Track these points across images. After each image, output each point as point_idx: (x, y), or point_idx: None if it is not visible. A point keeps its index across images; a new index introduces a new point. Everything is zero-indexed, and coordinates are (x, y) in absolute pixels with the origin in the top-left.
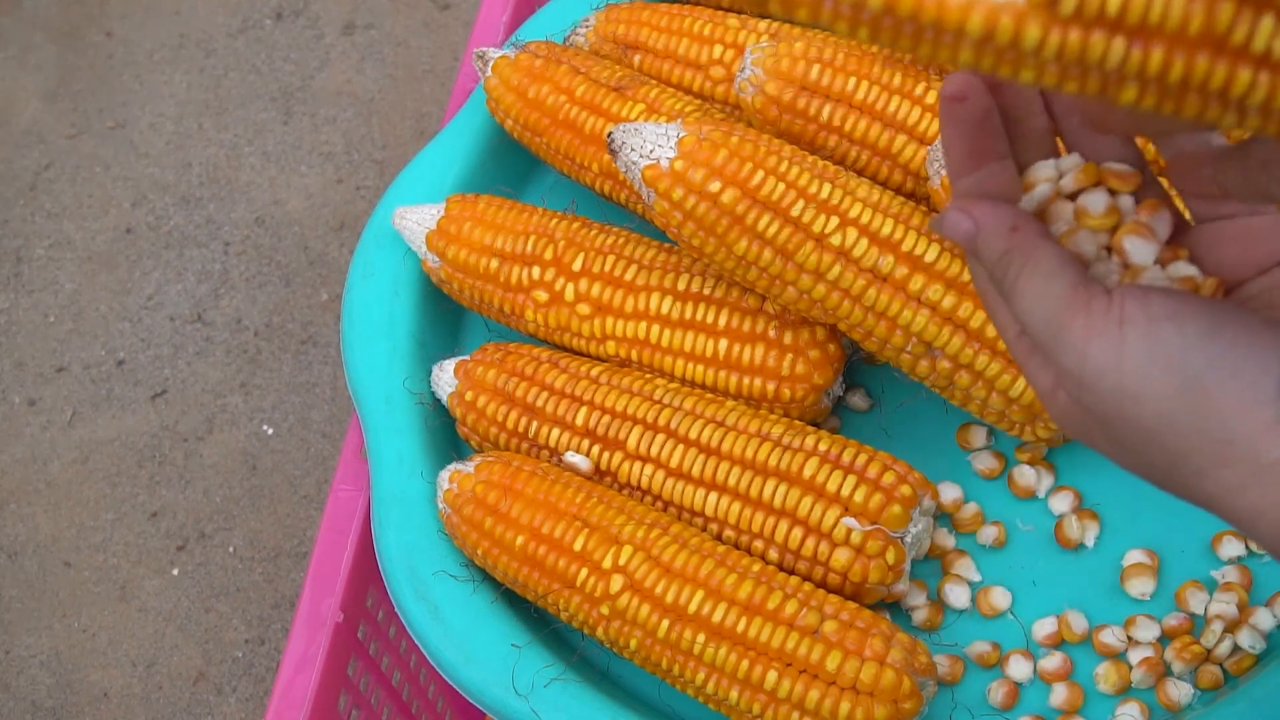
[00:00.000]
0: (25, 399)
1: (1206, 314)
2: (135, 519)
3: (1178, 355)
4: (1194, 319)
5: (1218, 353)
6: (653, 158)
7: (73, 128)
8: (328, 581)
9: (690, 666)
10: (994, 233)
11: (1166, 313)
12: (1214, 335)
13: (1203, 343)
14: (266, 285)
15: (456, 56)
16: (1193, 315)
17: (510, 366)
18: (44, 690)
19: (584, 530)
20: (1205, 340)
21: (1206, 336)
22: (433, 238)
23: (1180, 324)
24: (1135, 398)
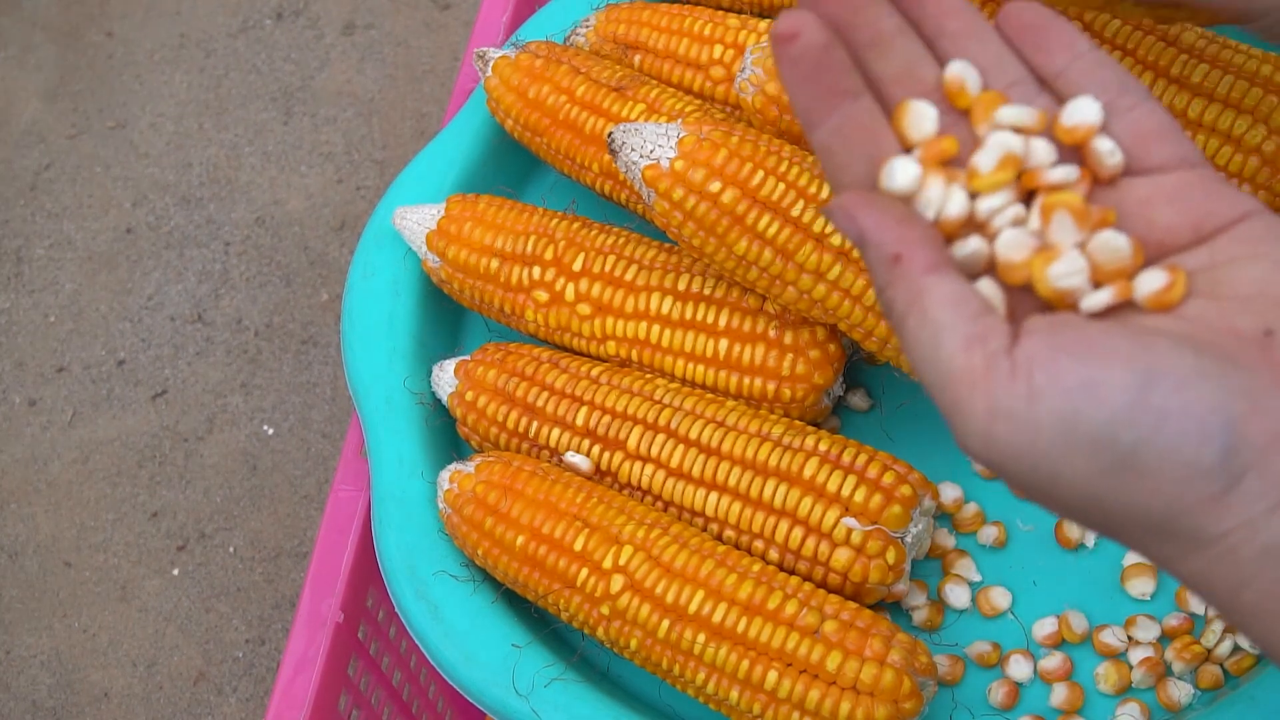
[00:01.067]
0: (25, 399)
1: (1131, 376)
2: (135, 519)
3: (1102, 435)
4: (1116, 388)
5: (1147, 429)
6: (653, 158)
7: (73, 128)
8: (328, 581)
9: (690, 666)
10: (877, 257)
11: (1081, 383)
12: (1142, 404)
13: (1129, 416)
14: (267, 285)
15: (456, 56)
16: (1114, 385)
17: (510, 366)
18: (44, 690)
19: (584, 530)
20: (1132, 413)
21: (1133, 407)
22: (433, 238)
23: (1100, 398)
24: (1056, 480)
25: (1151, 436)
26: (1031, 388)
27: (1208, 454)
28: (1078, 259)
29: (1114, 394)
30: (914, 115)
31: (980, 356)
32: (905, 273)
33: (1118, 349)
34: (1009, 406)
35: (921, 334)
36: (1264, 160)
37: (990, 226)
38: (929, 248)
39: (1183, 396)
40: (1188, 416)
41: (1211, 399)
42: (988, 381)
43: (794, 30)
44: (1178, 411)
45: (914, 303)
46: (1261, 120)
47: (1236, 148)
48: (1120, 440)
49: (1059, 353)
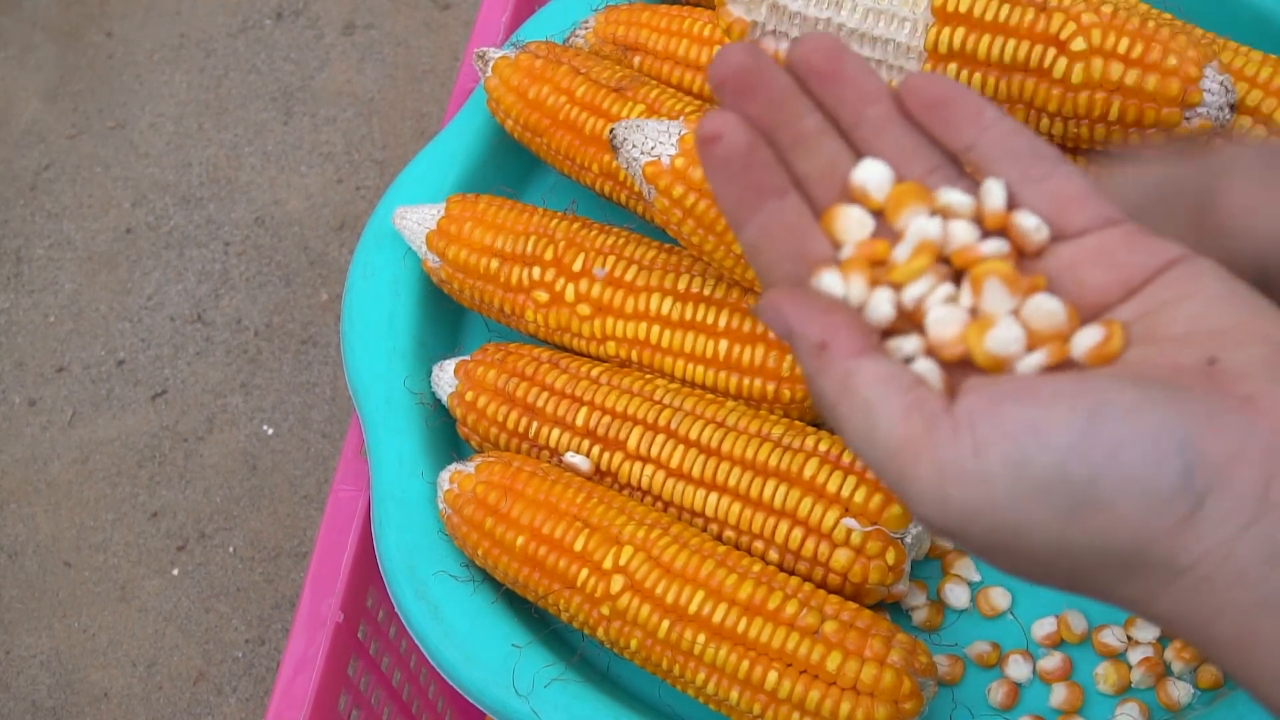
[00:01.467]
0: (25, 399)
1: (1075, 413)
2: (135, 519)
3: (1054, 475)
4: (1062, 426)
5: (1100, 461)
6: (654, 154)
7: (73, 128)
8: (328, 581)
9: (691, 667)
10: (804, 348)
11: (1026, 426)
12: (1091, 438)
13: (1080, 450)
14: (266, 285)
15: (456, 56)
16: (1060, 421)
17: (510, 367)
18: (44, 690)
19: (584, 530)
20: (1082, 447)
21: (1082, 442)
22: (433, 238)
23: (1047, 437)
24: (1016, 533)
25: (1106, 467)
26: (976, 439)
27: (1167, 477)
28: (1013, 326)
29: (1060, 431)
30: (846, 220)
31: (919, 422)
32: (832, 359)
33: (1059, 390)
34: (956, 463)
35: (855, 416)
36: None
37: (920, 312)
38: (855, 333)
39: (1133, 422)
40: (1140, 441)
41: (1163, 421)
42: (931, 443)
43: (717, 131)
44: (1129, 438)
45: (844, 387)
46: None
47: None
48: (1074, 477)
49: (1000, 402)
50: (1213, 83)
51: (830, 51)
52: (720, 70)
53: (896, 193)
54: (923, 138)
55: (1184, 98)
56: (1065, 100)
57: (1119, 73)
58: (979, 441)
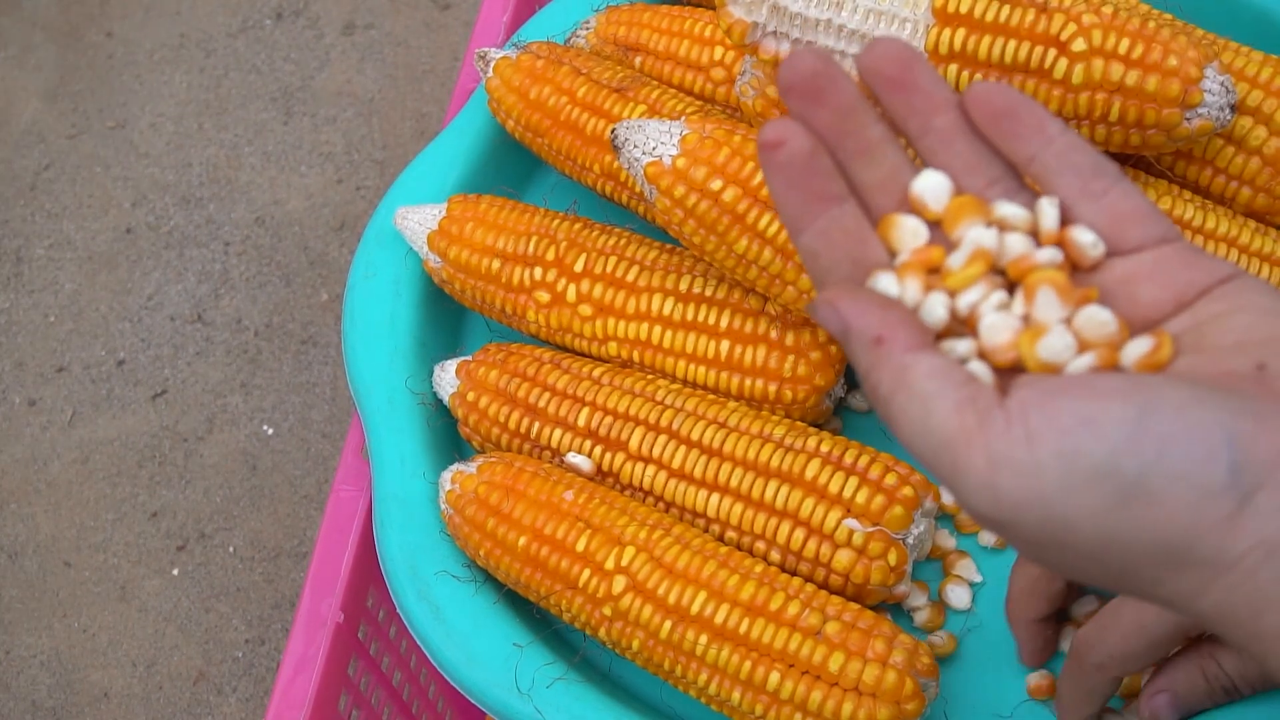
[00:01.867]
0: (25, 399)
1: (1127, 408)
2: (135, 519)
3: (1105, 467)
4: (1114, 420)
5: (1152, 454)
6: (655, 155)
7: (73, 128)
8: (328, 581)
9: (693, 667)
10: (860, 344)
11: (1079, 420)
12: (1142, 433)
13: (1131, 444)
14: (267, 285)
15: (457, 57)
16: (1112, 416)
17: (512, 367)
18: (44, 690)
19: (586, 531)
20: (1133, 442)
21: (1133, 437)
22: (434, 238)
23: (1099, 429)
24: (1066, 524)
25: (1156, 462)
26: (1029, 431)
27: (1215, 473)
28: (1065, 334)
29: (1112, 426)
30: (903, 228)
31: (973, 414)
32: (888, 353)
33: (1112, 386)
34: (1008, 454)
35: (910, 408)
36: (1265, 161)
37: (974, 318)
38: (910, 329)
39: (1183, 419)
40: (1190, 438)
41: (1213, 419)
42: (984, 435)
43: (780, 138)
44: (1180, 434)
45: (899, 380)
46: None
47: (1238, 148)
48: (1125, 470)
49: (1053, 396)
50: (1213, 83)
51: (903, 59)
52: (790, 76)
53: (955, 205)
54: (985, 149)
55: (1184, 98)
56: (1066, 101)
57: (1119, 73)
58: (1031, 433)
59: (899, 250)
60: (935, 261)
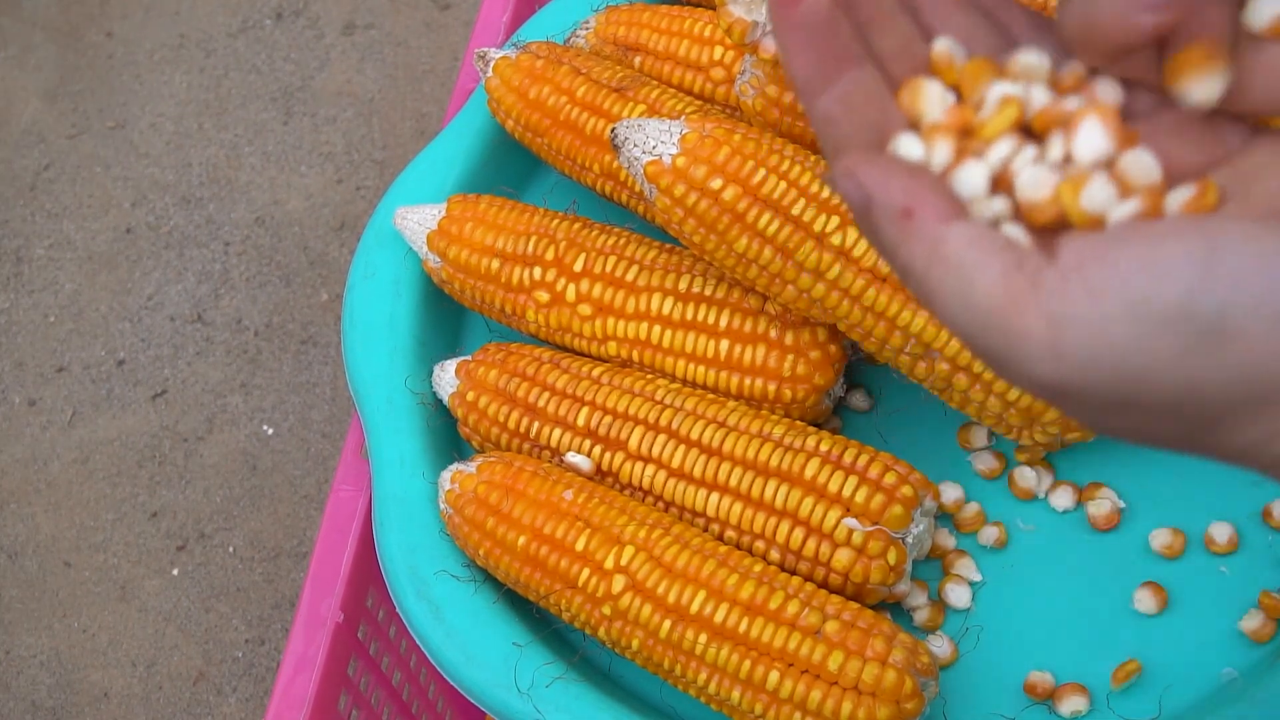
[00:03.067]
0: (25, 399)
1: (1193, 247)
2: (135, 519)
3: (1179, 309)
4: (1182, 260)
5: (1227, 288)
6: (655, 154)
7: (73, 128)
8: (328, 581)
9: (692, 667)
10: (886, 217)
11: (1143, 266)
12: (1213, 268)
13: (1204, 283)
14: (266, 285)
15: (457, 57)
16: (1179, 256)
17: (511, 367)
18: (44, 690)
19: (586, 531)
20: (1205, 279)
21: (1205, 274)
22: (434, 238)
23: (1167, 272)
24: (1142, 377)
25: (1233, 295)
26: (1090, 285)
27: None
28: (1108, 182)
29: (1181, 266)
30: (927, 92)
31: (1022, 278)
32: (919, 227)
33: (1170, 230)
34: (1071, 311)
35: (949, 282)
36: None
37: (1007, 175)
38: (942, 197)
39: (1256, 249)
40: (1265, 265)
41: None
42: (1039, 296)
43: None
44: (1254, 264)
45: (934, 253)
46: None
47: None
48: (1200, 309)
49: (1108, 247)
50: None
51: None
52: None
53: (972, 67)
54: (985, 20)
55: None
56: None
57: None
58: (1093, 287)
59: (923, 116)
60: (966, 121)
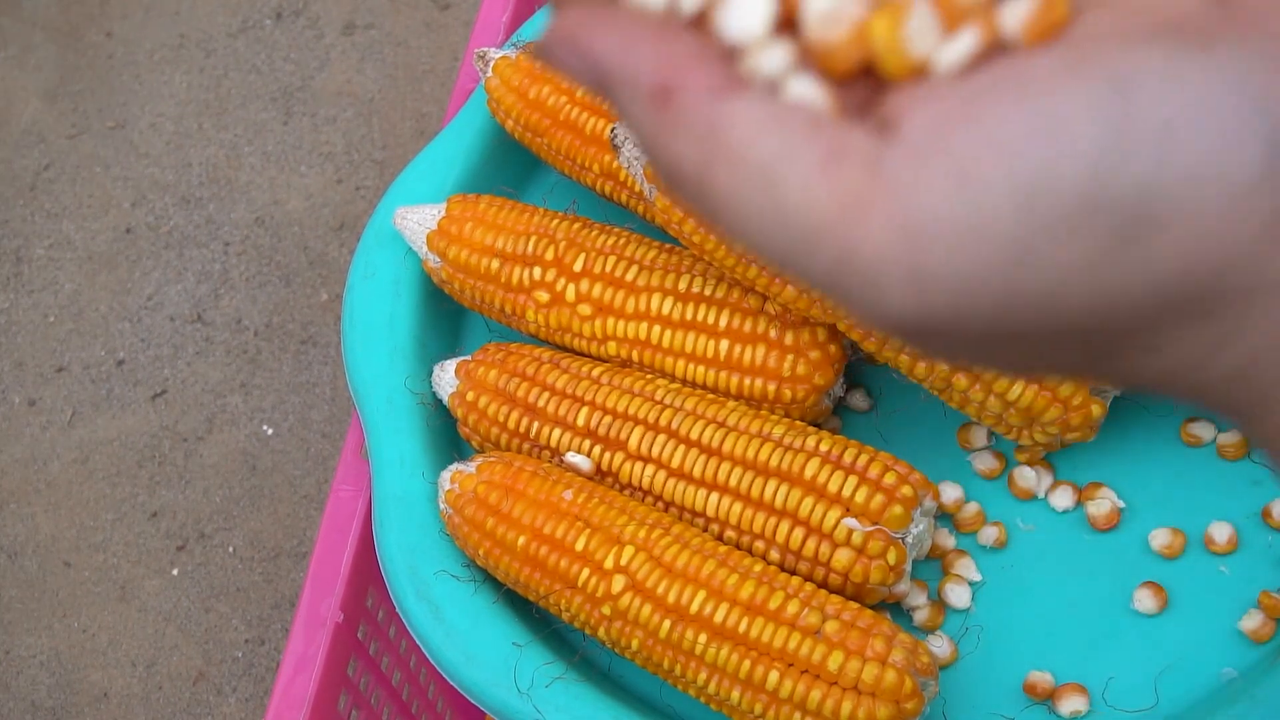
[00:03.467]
0: (25, 399)
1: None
2: (135, 519)
3: (1088, 193)
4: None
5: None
6: None
7: (73, 128)
8: (328, 582)
9: (692, 667)
10: (632, 98)
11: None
12: (1131, 124)
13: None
14: (266, 285)
15: (457, 56)
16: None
17: (511, 367)
18: (44, 690)
19: (585, 530)
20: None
21: (1120, 131)
22: (433, 238)
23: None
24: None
25: (1159, 161)
26: (957, 168)
27: (1247, 156)
28: (929, 8)
29: (1084, 123)
30: None
31: (854, 169)
32: (685, 109)
33: (1054, 64)
34: (934, 211)
35: (743, 185)
36: None
37: (790, 5)
38: (709, 63)
39: (1182, 88)
40: (1202, 113)
41: (1222, 77)
42: (882, 193)
43: None
44: (1183, 113)
45: (714, 147)
46: None
47: None
48: (1117, 188)
49: (974, 101)
50: None
51: None
52: None
53: None
54: None
55: None
56: None
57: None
58: (962, 167)
59: None
60: None
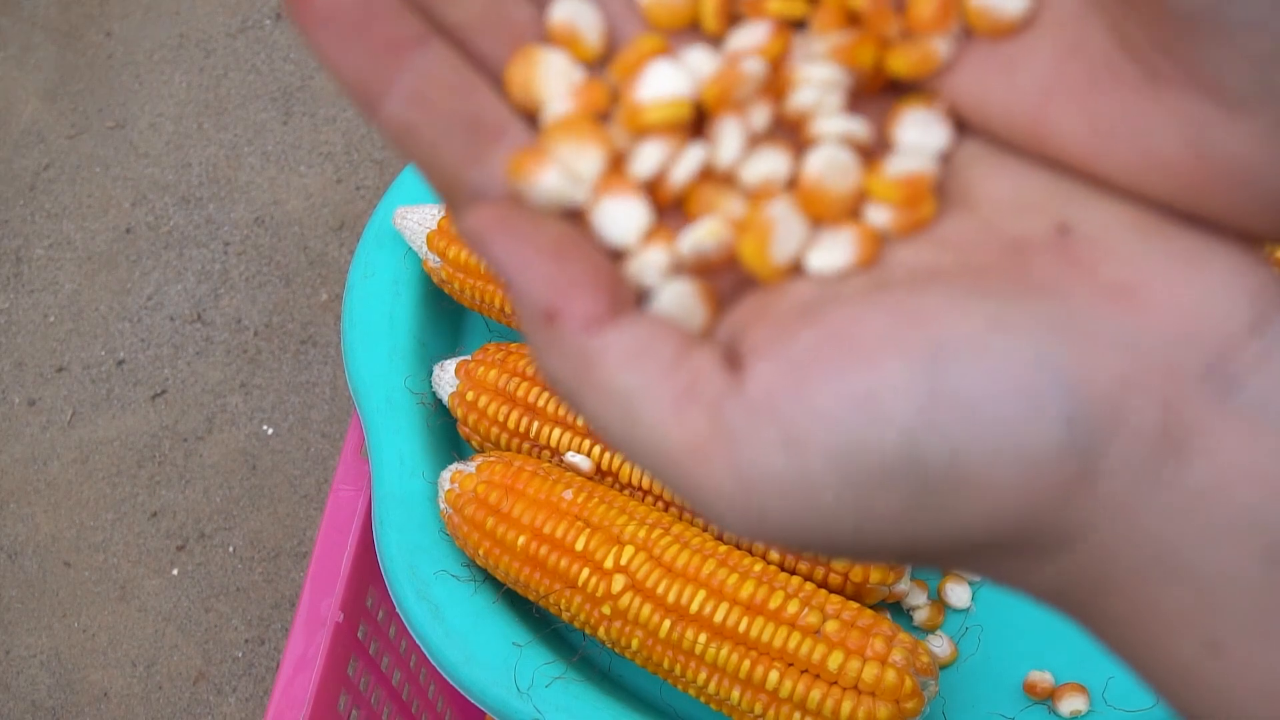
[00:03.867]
0: (25, 399)
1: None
2: (135, 519)
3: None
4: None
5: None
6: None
7: (72, 128)
8: (328, 581)
9: (692, 666)
10: (526, 313)
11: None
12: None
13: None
14: (266, 285)
15: None
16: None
17: (511, 366)
18: (44, 690)
19: (585, 530)
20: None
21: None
22: (434, 238)
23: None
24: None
25: (966, 433)
26: (784, 429)
27: (1047, 429)
28: (797, 220)
29: (898, 397)
30: (545, 67)
31: (700, 416)
32: (564, 334)
33: (880, 328)
34: (764, 467)
35: (606, 412)
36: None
37: (663, 188)
38: (596, 290)
39: (987, 363)
40: (1004, 391)
41: (1027, 350)
42: (723, 444)
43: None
44: (989, 386)
45: (585, 372)
46: None
47: None
48: (926, 455)
49: (806, 368)
50: None
51: None
52: None
53: (638, 46)
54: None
55: None
56: None
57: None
58: (789, 432)
59: (544, 99)
60: (600, 104)
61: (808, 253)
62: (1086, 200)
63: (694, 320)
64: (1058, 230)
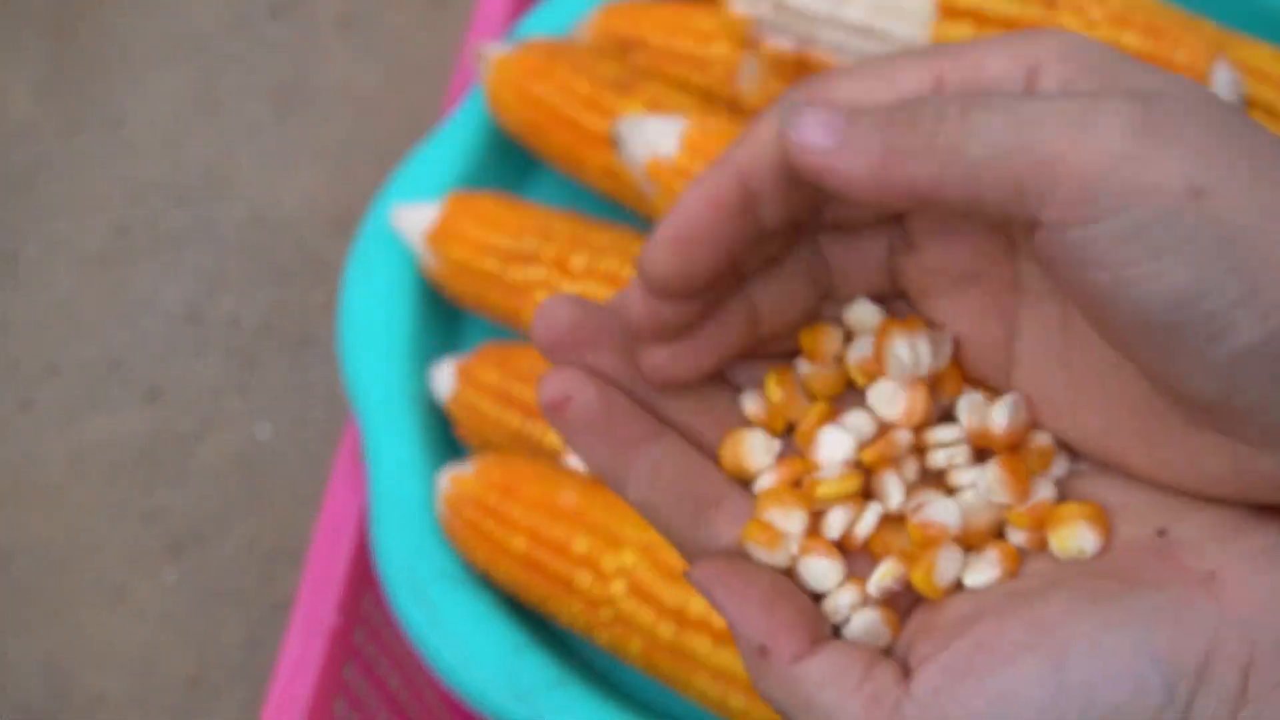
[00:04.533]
0: (18, 400)
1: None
2: (130, 521)
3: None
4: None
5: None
6: (656, 151)
7: (66, 126)
8: (325, 584)
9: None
10: (743, 647)
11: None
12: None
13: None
14: (263, 285)
15: (454, 52)
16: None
17: (510, 367)
18: (38, 694)
19: (585, 533)
20: (1057, 703)
21: (1057, 698)
22: (431, 237)
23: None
24: None
25: (1087, 714)
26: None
27: (1150, 700)
28: (956, 553)
29: (1031, 695)
30: (750, 444)
31: (882, 714)
32: (775, 665)
33: (1017, 636)
34: None
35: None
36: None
37: (850, 542)
38: (799, 632)
39: (1101, 658)
40: (1115, 677)
41: (1131, 644)
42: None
43: (562, 394)
44: (1103, 677)
45: (791, 693)
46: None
47: None
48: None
49: (961, 677)
50: (1222, 77)
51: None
52: (546, 335)
53: (815, 411)
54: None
55: None
56: None
57: None
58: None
59: (752, 470)
60: (798, 473)
61: (965, 574)
62: (1180, 508)
63: (880, 641)
64: (1157, 533)
